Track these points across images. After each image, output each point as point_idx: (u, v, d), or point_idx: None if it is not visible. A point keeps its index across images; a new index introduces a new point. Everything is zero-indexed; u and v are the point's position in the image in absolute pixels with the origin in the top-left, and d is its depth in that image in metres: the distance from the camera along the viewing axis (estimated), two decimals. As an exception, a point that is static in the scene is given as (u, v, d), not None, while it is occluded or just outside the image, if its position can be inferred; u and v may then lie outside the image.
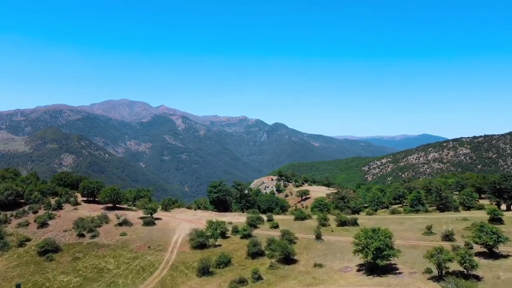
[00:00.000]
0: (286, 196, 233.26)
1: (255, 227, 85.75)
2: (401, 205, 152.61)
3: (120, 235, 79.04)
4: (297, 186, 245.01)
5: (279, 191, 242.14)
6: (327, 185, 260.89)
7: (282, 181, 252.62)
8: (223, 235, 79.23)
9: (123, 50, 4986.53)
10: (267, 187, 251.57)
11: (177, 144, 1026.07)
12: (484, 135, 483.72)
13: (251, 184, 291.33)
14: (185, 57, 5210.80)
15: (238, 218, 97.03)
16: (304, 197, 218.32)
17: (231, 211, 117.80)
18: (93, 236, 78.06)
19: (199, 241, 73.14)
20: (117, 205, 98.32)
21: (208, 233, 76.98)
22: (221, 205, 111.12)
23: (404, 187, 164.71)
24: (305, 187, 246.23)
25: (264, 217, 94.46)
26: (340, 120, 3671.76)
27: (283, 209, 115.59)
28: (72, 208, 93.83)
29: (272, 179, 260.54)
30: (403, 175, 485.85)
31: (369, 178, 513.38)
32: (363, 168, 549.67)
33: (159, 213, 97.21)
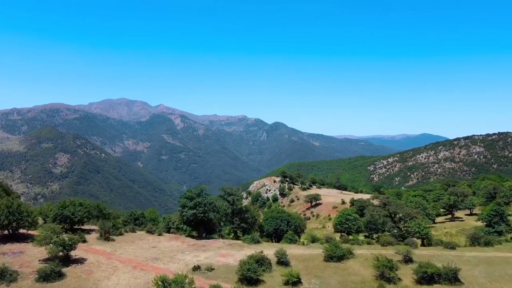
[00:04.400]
0: (292, 201, 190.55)
1: (256, 282, 43.32)
2: (451, 217, 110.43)
3: (-29, 311, 36.29)
4: (304, 189, 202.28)
5: (283, 195, 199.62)
6: (338, 187, 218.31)
7: (287, 183, 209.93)
8: (189, 310, 36.51)
9: (122, 49, 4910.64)
10: (269, 190, 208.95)
11: (176, 144, 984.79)
12: (498, 132, 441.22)
13: (251, 186, 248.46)
14: (185, 56, 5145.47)
15: (225, 255, 54.35)
16: (314, 203, 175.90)
17: (219, 234, 75.25)
18: None
19: None
20: (17, 232, 55.55)
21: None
22: (202, 226, 68.43)
23: (449, 192, 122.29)
24: (314, 190, 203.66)
25: (271, 253, 51.98)
26: (339, 119, 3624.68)
27: (298, 230, 72.90)
28: None
29: (274, 181, 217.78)
30: (412, 175, 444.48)
31: (375, 179, 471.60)
32: (368, 167, 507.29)
33: (90, 247, 54.54)
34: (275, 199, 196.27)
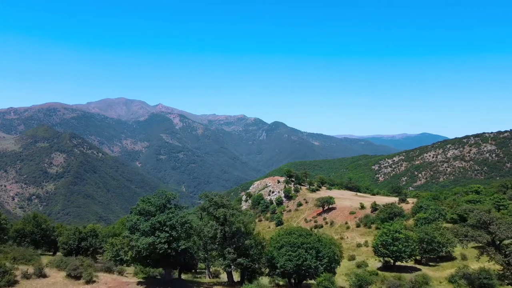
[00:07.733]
0: (300, 205, 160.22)
1: None
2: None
3: None
4: (312, 191, 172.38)
5: (288, 197, 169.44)
6: (351, 189, 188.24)
7: (292, 183, 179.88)
8: None
9: (121, 48, 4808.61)
10: (272, 192, 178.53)
11: (174, 143, 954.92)
12: (511, 129, 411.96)
13: (251, 187, 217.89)
14: (184, 55, 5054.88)
15: None
16: (326, 207, 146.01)
17: (207, 266, 45.00)
18: None
19: None
20: None
21: None
22: (169, 262, 38.08)
23: (509, 196, 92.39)
24: (324, 191, 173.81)
25: None
26: (339, 119, 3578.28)
27: (333, 264, 42.84)
28: None
29: (278, 181, 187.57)
30: (419, 175, 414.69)
31: (380, 178, 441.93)
32: (373, 167, 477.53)
33: None
34: (279, 203, 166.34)
